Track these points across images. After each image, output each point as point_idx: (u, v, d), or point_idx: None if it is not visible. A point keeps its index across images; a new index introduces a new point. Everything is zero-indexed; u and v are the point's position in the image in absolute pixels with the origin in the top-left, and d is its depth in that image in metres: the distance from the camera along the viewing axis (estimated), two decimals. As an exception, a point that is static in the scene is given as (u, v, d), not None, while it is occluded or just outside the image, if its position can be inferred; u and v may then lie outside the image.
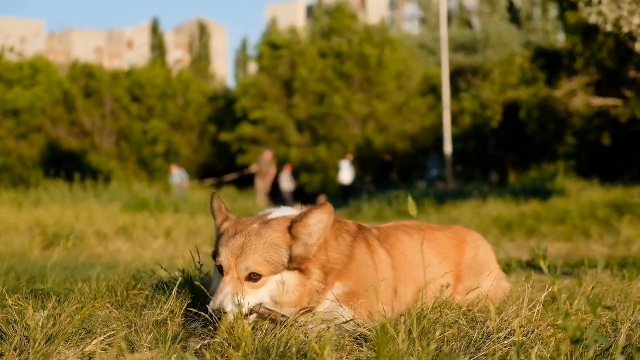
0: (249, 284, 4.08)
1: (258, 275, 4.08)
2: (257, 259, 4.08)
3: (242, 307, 3.96)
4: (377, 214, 22.55)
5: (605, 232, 15.23)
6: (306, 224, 4.19)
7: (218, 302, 3.98)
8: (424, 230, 5.10)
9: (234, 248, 4.13)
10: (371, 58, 49.05)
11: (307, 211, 4.23)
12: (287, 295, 4.13)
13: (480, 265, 5.09)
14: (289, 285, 4.14)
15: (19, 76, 51.09)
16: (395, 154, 44.69)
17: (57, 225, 16.52)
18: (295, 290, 4.15)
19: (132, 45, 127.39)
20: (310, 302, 4.17)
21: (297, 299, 4.15)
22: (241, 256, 4.09)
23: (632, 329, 4.00)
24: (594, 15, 13.42)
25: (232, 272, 4.09)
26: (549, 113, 34.42)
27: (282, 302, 4.13)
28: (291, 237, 4.18)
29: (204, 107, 55.24)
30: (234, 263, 4.09)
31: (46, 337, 3.79)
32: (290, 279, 4.15)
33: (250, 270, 4.07)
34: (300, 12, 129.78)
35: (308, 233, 4.19)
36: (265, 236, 4.16)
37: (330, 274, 4.26)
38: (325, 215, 4.20)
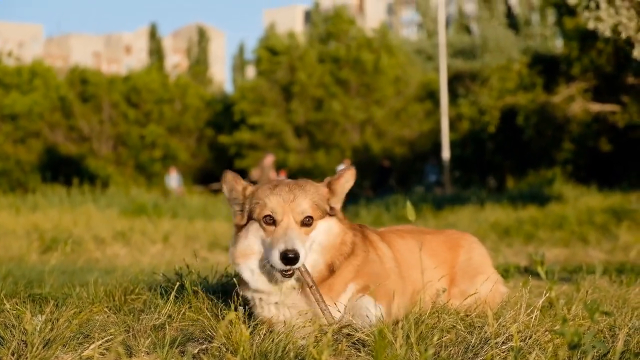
0: (304, 228, 4.14)
1: (311, 219, 4.15)
2: (310, 202, 4.17)
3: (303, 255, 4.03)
4: (375, 219, 22.53)
5: (603, 238, 15.25)
6: (341, 183, 4.39)
7: (290, 243, 3.98)
8: (414, 233, 5.15)
9: (284, 194, 4.17)
10: (368, 63, 49.08)
11: (340, 171, 4.44)
12: (332, 239, 4.25)
13: (474, 268, 5.08)
14: (333, 231, 4.27)
15: (17, 81, 51.10)
16: (393, 159, 44.71)
17: (55, 229, 16.51)
18: (337, 237, 4.28)
19: (130, 50, 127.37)
20: (338, 259, 4.27)
21: (338, 244, 4.27)
22: (294, 200, 4.14)
23: (630, 334, 4.00)
24: (592, 20, 13.43)
25: (288, 216, 4.11)
26: (546, 119, 34.48)
27: (328, 246, 4.23)
28: (329, 192, 4.34)
29: (201, 111, 55.27)
30: (289, 207, 4.12)
31: (44, 342, 3.79)
32: (335, 226, 4.29)
33: (305, 213, 4.13)
34: (298, 17, 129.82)
35: (342, 191, 4.39)
36: (308, 185, 4.29)
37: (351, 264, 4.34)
38: (352, 176, 4.43)
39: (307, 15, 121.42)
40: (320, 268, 4.19)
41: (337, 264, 4.23)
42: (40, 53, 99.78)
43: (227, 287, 5.15)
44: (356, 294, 4.26)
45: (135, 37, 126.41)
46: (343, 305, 4.22)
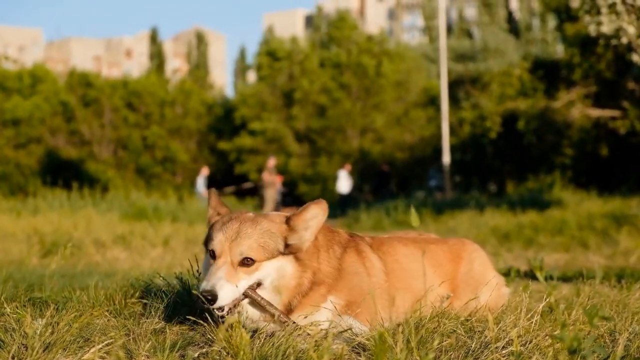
0: (242, 268, 4.04)
1: (251, 260, 4.04)
2: (252, 243, 4.06)
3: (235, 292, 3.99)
4: (375, 223, 22.56)
5: (603, 243, 15.23)
6: (304, 218, 4.20)
7: (210, 285, 3.94)
8: (418, 242, 5.09)
9: (228, 232, 4.10)
10: (369, 68, 49.11)
11: (304, 206, 4.24)
12: (285, 280, 4.13)
13: (475, 280, 5.05)
14: (286, 271, 4.15)
15: (18, 85, 51.15)
16: (393, 164, 44.73)
17: (55, 233, 16.50)
18: (292, 278, 4.16)
19: (131, 54, 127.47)
20: (295, 299, 4.17)
21: (293, 286, 4.16)
22: (235, 240, 4.06)
23: (630, 339, 4.01)
24: (593, 25, 13.45)
25: (225, 255, 4.05)
26: (547, 124, 34.51)
27: (280, 286, 4.13)
28: (287, 228, 4.18)
29: (202, 116, 55.30)
30: (228, 247, 4.06)
31: (44, 345, 3.79)
32: (288, 265, 4.16)
33: (243, 255, 4.04)
34: (299, 21, 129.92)
35: (305, 227, 4.20)
36: (261, 223, 4.15)
37: (322, 286, 4.25)
38: (321, 210, 4.22)
39: (307, 20, 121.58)
40: (281, 303, 4.15)
41: (294, 303, 4.18)
42: (40, 57, 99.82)
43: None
44: (340, 310, 4.24)
45: (136, 41, 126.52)
46: (325, 309, 4.21)
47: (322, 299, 4.24)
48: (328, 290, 4.28)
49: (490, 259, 5.38)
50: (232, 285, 3.98)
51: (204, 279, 4.16)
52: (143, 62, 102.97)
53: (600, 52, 31.02)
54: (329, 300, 4.25)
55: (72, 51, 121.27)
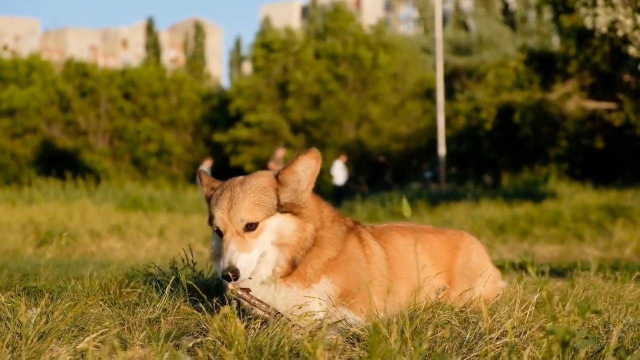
0: (249, 234, 4.04)
1: (254, 223, 4.04)
2: (247, 205, 4.05)
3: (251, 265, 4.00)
4: (370, 214, 22.56)
5: (598, 235, 15.26)
6: (293, 170, 4.16)
7: (227, 262, 3.94)
8: (417, 232, 5.05)
9: (222, 203, 4.09)
10: (365, 60, 49.04)
11: (293, 157, 4.19)
12: (286, 238, 4.12)
13: (472, 271, 5.04)
14: (287, 228, 4.14)
15: (14, 75, 51.05)
16: (389, 155, 44.69)
17: (50, 223, 16.50)
18: (293, 234, 4.14)
19: (127, 44, 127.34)
20: (299, 254, 4.16)
21: (295, 243, 4.14)
22: (232, 209, 4.05)
23: (624, 331, 4.01)
24: (589, 18, 13.44)
25: (229, 228, 4.05)
26: (542, 116, 34.48)
27: (282, 245, 4.12)
28: (278, 182, 4.15)
29: (197, 106, 55.24)
30: (228, 218, 4.05)
31: (38, 334, 3.79)
32: (287, 222, 4.14)
33: (245, 220, 4.03)
34: (295, 12, 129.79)
35: (296, 179, 4.17)
36: (249, 183, 4.13)
37: (320, 257, 4.24)
38: (312, 160, 4.17)
39: (304, 11, 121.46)
40: (282, 264, 4.14)
41: (298, 258, 4.16)
42: (36, 47, 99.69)
43: (222, 281, 5.15)
44: (336, 298, 4.22)
45: (132, 32, 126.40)
46: (317, 296, 4.18)
47: (315, 277, 4.22)
48: (324, 267, 4.24)
49: (486, 251, 5.38)
50: (246, 254, 3.99)
51: (214, 256, 4.24)
52: (139, 53, 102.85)
53: (596, 45, 30.98)
54: (322, 281, 4.22)
55: (68, 41, 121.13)
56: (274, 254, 4.12)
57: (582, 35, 30.96)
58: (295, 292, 4.17)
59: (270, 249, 4.11)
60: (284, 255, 4.14)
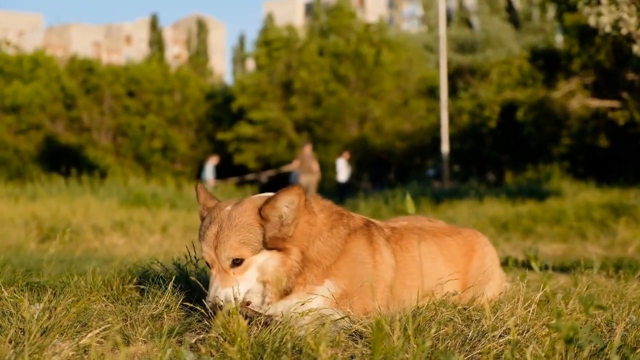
0: (235, 269, 4.05)
1: (240, 259, 4.04)
2: (233, 244, 4.03)
3: (236, 296, 4.00)
4: (374, 212, 22.51)
5: (601, 234, 15.23)
6: (274, 206, 4.11)
7: (211, 297, 3.99)
8: (436, 235, 5.00)
9: (209, 240, 4.09)
10: (368, 57, 49.01)
11: (276, 193, 4.14)
12: (271, 275, 4.10)
13: (486, 275, 5.01)
14: (271, 265, 4.11)
15: (18, 70, 51.02)
16: (392, 153, 44.68)
17: (54, 219, 16.50)
18: (276, 270, 4.11)
19: (130, 41, 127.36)
20: (287, 284, 4.14)
21: (279, 278, 4.11)
22: (218, 246, 4.05)
23: (627, 329, 4.01)
24: (593, 16, 13.42)
25: (215, 264, 4.07)
26: (546, 114, 34.48)
27: (270, 280, 4.10)
28: (261, 218, 4.11)
29: (201, 103, 55.22)
30: (214, 255, 4.06)
31: (41, 330, 3.80)
32: (271, 258, 4.11)
33: (230, 257, 4.03)
34: (299, 9, 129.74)
35: (278, 215, 4.12)
36: (235, 218, 4.10)
37: (317, 266, 4.22)
38: (295, 196, 4.11)
39: (307, 8, 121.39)
40: (272, 296, 4.14)
41: (290, 285, 4.16)
42: (40, 43, 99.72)
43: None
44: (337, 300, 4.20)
45: (136, 28, 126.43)
46: (320, 295, 4.18)
47: (317, 281, 4.21)
48: (325, 273, 4.23)
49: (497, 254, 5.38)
50: (229, 289, 4.01)
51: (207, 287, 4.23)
52: (143, 49, 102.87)
53: (600, 43, 30.96)
54: (326, 284, 4.21)
55: (71, 37, 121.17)
56: (261, 289, 4.13)
57: (585, 33, 30.93)
58: (296, 299, 4.17)
59: (256, 285, 4.11)
60: (274, 289, 4.13)
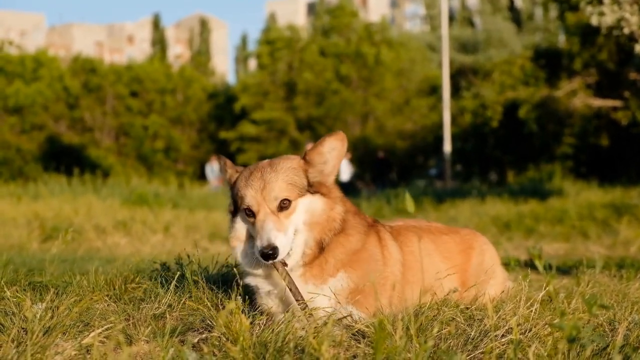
0: (282, 213, 4.08)
1: (288, 201, 4.08)
2: (281, 184, 4.08)
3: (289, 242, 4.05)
4: (376, 211, 22.50)
5: (603, 233, 15.22)
6: (319, 151, 4.21)
7: (266, 240, 3.96)
8: (433, 233, 5.05)
9: (255, 184, 4.12)
10: (368, 57, 48.99)
11: (320, 139, 4.24)
12: (316, 217, 4.16)
13: (487, 273, 5.02)
14: (317, 207, 4.17)
15: (20, 70, 51.02)
16: (394, 152, 44.65)
17: (56, 218, 16.51)
18: (323, 213, 4.18)
19: (133, 40, 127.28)
20: (327, 236, 4.19)
21: (324, 221, 4.18)
22: (265, 188, 4.08)
23: (629, 328, 4.01)
24: (595, 16, 13.40)
25: (263, 207, 4.08)
26: (548, 113, 34.47)
27: (313, 224, 4.15)
28: (306, 163, 4.19)
29: (203, 103, 55.22)
30: (261, 198, 4.08)
31: (44, 329, 3.80)
32: (317, 202, 4.18)
33: (279, 198, 4.07)
34: (301, 9, 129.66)
35: (323, 161, 4.21)
36: (279, 164, 4.18)
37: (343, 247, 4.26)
38: (338, 141, 4.20)
39: (309, 7, 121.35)
40: (311, 245, 4.16)
41: (326, 240, 4.19)
42: (42, 42, 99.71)
43: (227, 277, 5.16)
44: (349, 294, 4.22)
45: (138, 27, 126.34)
46: (330, 290, 4.20)
47: (333, 270, 4.23)
48: (344, 261, 4.26)
49: (497, 253, 5.38)
50: (283, 234, 4.02)
51: (232, 238, 4.27)
52: (145, 48, 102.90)
53: (602, 42, 30.96)
54: (339, 276, 4.23)
55: (74, 37, 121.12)
56: (303, 235, 4.15)
57: (587, 32, 30.92)
58: (310, 289, 4.18)
59: (301, 228, 4.14)
60: (313, 236, 4.17)
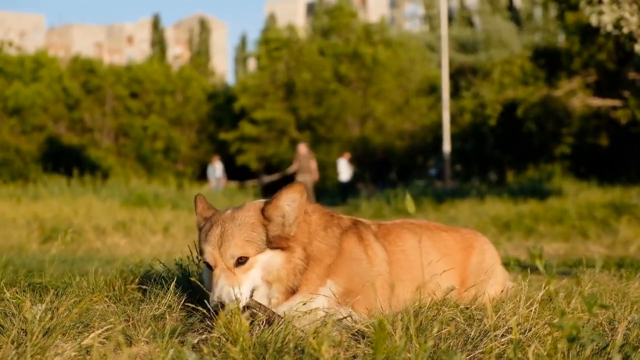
0: (239, 268, 4.06)
1: (245, 258, 4.06)
2: (238, 242, 4.06)
3: (239, 297, 3.98)
4: (376, 212, 22.52)
5: (603, 233, 15.23)
6: (277, 205, 4.17)
7: (216, 297, 3.96)
8: (430, 229, 5.05)
9: (213, 239, 4.11)
10: (366, 56, 48.99)
11: (277, 193, 4.19)
12: (275, 273, 4.12)
13: (486, 272, 5.01)
14: (275, 263, 4.13)
15: (19, 71, 50.98)
16: (393, 152, 44.65)
17: (56, 219, 16.51)
18: (282, 268, 4.13)
19: (132, 41, 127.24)
20: (294, 282, 4.16)
21: (284, 276, 4.13)
22: (222, 245, 4.06)
23: (629, 328, 4.01)
24: (595, 15, 13.41)
25: (219, 263, 4.07)
26: (548, 113, 34.47)
27: (272, 280, 4.12)
28: (264, 219, 4.16)
29: (203, 104, 55.21)
30: (218, 254, 4.07)
31: (43, 330, 3.80)
32: (276, 257, 4.13)
33: (235, 256, 4.05)
34: (301, 9, 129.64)
35: (281, 214, 4.17)
36: (239, 218, 4.14)
37: (318, 264, 4.24)
38: (297, 194, 4.16)
39: (309, 8, 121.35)
40: (279, 295, 4.15)
41: (295, 283, 4.17)
42: (42, 43, 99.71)
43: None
44: (338, 297, 4.23)
45: (137, 28, 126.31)
46: (324, 296, 4.20)
47: (320, 281, 4.23)
48: (326, 272, 4.26)
49: (498, 253, 5.37)
50: (236, 288, 3.99)
51: (207, 289, 4.19)
52: (144, 49, 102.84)
53: (601, 42, 30.96)
54: (328, 284, 4.23)
55: (73, 37, 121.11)
56: (264, 290, 4.14)
57: (586, 32, 30.92)
58: (299, 300, 4.17)
59: (261, 284, 4.13)
60: (277, 288, 4.15)
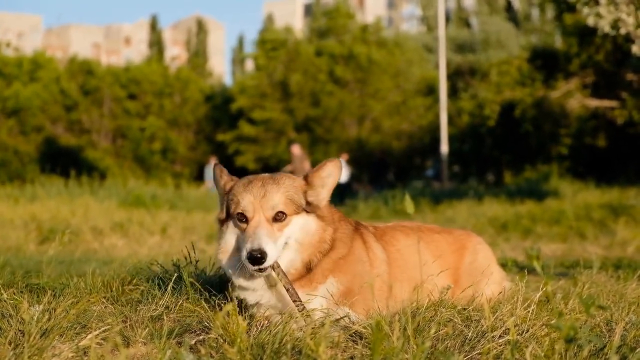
0: (277, 224, 4.10)
1: (284, 214, 4.11)
2: (281, 197, 4.12)
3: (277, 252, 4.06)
4: (373, 212, 22.52)
5: (600, 233, 15.24)
6: (320, 175, 4.29)
7: (256, 244, 3.96)
8: (422, 231, 5.08)
9: (255, 190, 4.14)
10: (361, 57, 48.98)
11: (321, 163, 4.32)
12: (309, 236, 4.19)
13: (479, 272, 5.03)
14: (310, 228, 4.21)
15: (17, 72, 50.93)
16: (391, 153, 44.64)
17: (53, 220, 16.50)
18: (315, 234, 4.22)
19: (130, 41, 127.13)
20: (314, 259, 4.22)
21: (316, 242, 4.21)
22: (265, 196, 4.10)
23: (626, 329, 4.01)
24: (592, 16, 13.41)
25: (258, 213, 4.08)
26: (545, 113, 34.47)
27: (304, 243, 4.18)
28: (306, 184, 4.26)
29: (200, 105, 55.19)
30: (259, 204, 4.09)
31: (41, 331, 3.80)
32: (312, 222, 4.22)
33: (276, 209, 4.09)
34: (298, 10, 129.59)
35: (321, 184, 4.28)
36: (281, 179, 4.23)
37: (329, 257, 4.29)
38: (336, 168, 4.30)
39: (306, 9, 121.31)
40: (297, 266, 4.19)
41: (314, 261, 4.22)
42: (39, 44, 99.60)
43: (224, 278, 5.16)
44: (338, 296, 4.25)
45: (135, 29, 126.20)
46: (321, 295, 4.21)
47: (322, 278, 4.26)
48: (332, 267, 4.29)
49: (493, 253, 5.38)
50: (274, 243, 4.03)
51: (220, 248, 4.26)
52: (142, 50, 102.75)
53: (599, 43, 30.96)
54: (329, 281, 4.26)
55: (71, 38, 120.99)
56: (291, 253, 4.17)
57: (584, 33, 30.92)
58: (300, 295, 4.17)
59: (292, 245, 4.16)
60: (301, 257, 4.19)
